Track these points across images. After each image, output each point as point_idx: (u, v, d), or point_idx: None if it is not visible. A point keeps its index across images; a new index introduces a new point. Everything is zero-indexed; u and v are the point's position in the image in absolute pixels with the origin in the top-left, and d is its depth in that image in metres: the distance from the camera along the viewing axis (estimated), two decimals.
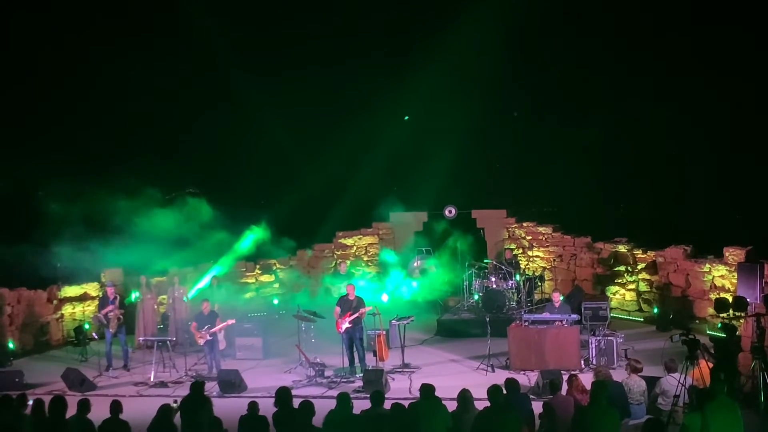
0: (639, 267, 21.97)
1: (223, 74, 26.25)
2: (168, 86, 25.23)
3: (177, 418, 11.64)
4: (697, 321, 19.76)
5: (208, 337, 17.65)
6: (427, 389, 11.26)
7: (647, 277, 21.76)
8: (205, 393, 12.79)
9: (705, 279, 19.89)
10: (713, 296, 18.70)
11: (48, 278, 21.59)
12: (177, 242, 21.90)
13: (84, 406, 11.16)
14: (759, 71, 22.04)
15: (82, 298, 22.33)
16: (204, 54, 26.19)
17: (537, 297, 22.22)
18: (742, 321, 15.67)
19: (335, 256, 26.35)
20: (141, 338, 19.56)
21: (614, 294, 22.30)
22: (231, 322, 18.23)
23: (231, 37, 25.93)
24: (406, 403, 11.15)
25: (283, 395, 11.26)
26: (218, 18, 25.80)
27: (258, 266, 25.46)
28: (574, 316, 17.39)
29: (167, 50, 25.79)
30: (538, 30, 25.59)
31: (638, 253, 22.02)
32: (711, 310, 18.83)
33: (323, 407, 11.34)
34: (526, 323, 17.32)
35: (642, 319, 21.59)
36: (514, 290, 21.48)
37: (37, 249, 20.37)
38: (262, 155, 27.00)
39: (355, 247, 26.64)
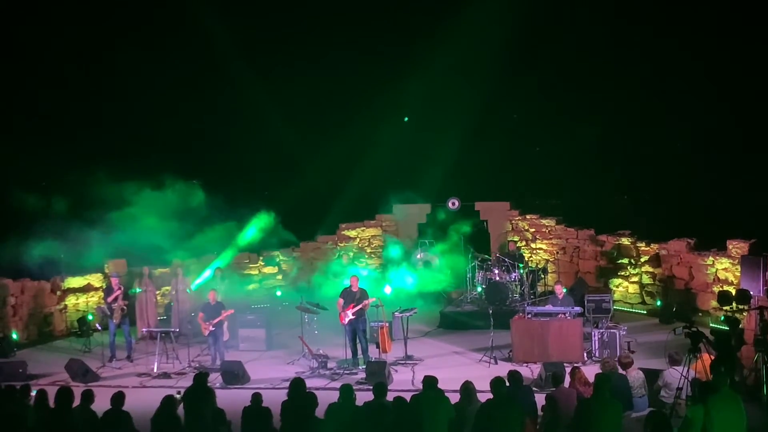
0: (642, 260, 21.97)
1: (227, 67, 26.20)
2: (171, 80, 25.21)
3: (180, 409, 11.66)
4: (700, 314, 19.76)
5: (212, 328, 17.67)
6: (429, 381, 11.25)
7: (650, 269, 21.76)
8: (209, 384, 12.81)
9: (708, 272, 19.90)
10: (716, 289, 18.71)
11: (52, 269, 21.60)
12: (180, 233, 21.92)
13: (87, 396, 11.17)
14: (764, 66, 21.98)
15: (86, 289, 22.35)
16: (206, 47, 26.10)
17: (540, 289, 22.22)
18: (745, 314, 15.67)
19: (339, 247, 26.36)
20: (144, 329, 19.55)
21: (617, 286, 22.31)
22: (230, 312, 18.27)
23: (233, 30, 25.84)
24: (408, 395, 11.18)
25: (297, 386, 11.31)
26: (221, 11, 25.71)
27: (261, 257, 25.47)
28: (577, 309, 17.38)
29: (170, 44, 25.72)
30: (542, 21, 25.52)
31: (641, 245, 22.03)
32: (714, 303, 18.82)
33: (326, 399, 11.37)
34: (529, 315, 17.32)
35: (645, 312, 21.57)
36: (517, 282, 21.48)
37: (41, 240, 20.36)
38: (266, 148, 26.98)
39: (358, 239, 26.64)
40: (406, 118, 28.78)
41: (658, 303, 21.13)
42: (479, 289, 22.08)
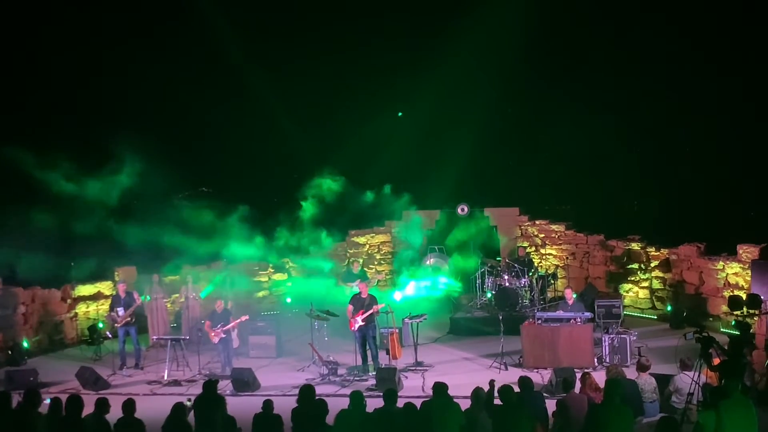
0: (652, 265, 21.92)
1: (236, 74, 26.15)
2: (180, 84, 25.06)
3: (191, 417, 11.68)
4: (711, 319, 19.72)
5: (222, 335, 17.70)
6: (440, 387, 11.25)
7: (660, 274, 21.71)
8: (219, 391, 12.83)
9: (718, 276, 19.83)
10: (727, 294, 18.61)
11: (62, 277, 21.65)
12: (190, 240, 21.95)
13: (103, 405, 11.11)
14: None
15: (96, 297, 22.38)
16: (215, 51, 26.00)
17: (550, 295, 22.22)
18: (756, 318, 15.62)
19: (348, 254, 26.34)
20: (155, 337, 19.58)
21: (627, 292, 22.26)
22: (244, 318, 18.30)
23: (242, 34, 25.79)
24: (419, 402, 11.18)
25: (307, 392, 11.32)
26: (232, 15, 25.66)
27: (271, 265, 25.44)
28: (588, 314, 17.36)
29: (176, 46, 25.59)
30: (552, 28, 25.48)
31: (651, 250, 21.98)
32: (725, 308, 18.77)
33: (336, 405, 11.39)
34: (540, 321, 17.31)
35: (655, 317, 21.56)
36: (527, 288, 21.46)
37: (51, 248, 20.39)
38: (275, 153, 26.95)
39: (367, 246, 26.62)
40: (399, 113, 28.71)
41: (669, 308, 21.08)
42: (489, 294, 22.04)
